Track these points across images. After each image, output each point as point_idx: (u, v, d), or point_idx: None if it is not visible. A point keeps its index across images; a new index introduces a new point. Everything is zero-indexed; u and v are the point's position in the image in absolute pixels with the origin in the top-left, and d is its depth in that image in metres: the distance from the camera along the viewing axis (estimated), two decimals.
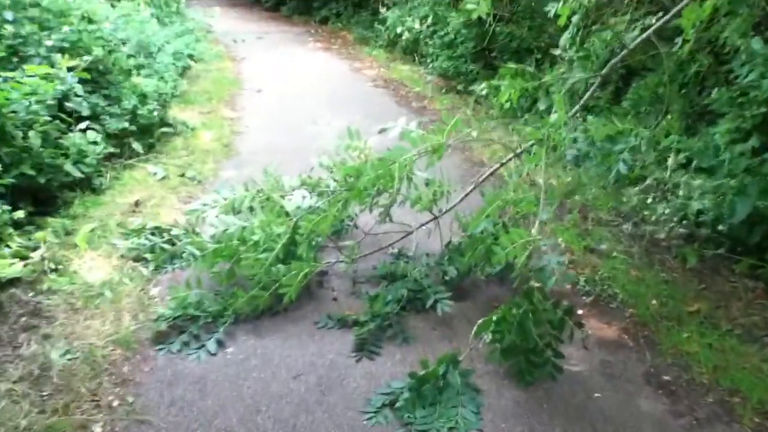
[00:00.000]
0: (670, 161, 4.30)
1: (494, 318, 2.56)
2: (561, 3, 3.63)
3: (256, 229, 3.14)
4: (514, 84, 3.47)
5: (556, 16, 3.87)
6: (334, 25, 13.58)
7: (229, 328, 3.04)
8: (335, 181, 3.57)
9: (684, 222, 3.96)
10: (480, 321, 2.61)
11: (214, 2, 18.07)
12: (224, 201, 3.42)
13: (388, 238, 3.69)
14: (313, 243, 3.30)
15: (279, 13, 16.10)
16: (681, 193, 4.11)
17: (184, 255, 3.52)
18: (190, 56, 8.34)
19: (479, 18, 7.57)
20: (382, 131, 3.14)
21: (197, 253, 3.25)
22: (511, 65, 3.62)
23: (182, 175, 4.88)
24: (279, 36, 12.56)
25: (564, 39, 4.42)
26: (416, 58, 9.47)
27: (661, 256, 3.77)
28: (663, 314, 3.18)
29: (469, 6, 3.22)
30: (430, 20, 8.98)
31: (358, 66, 9.81)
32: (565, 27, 4.07)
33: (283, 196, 3.52)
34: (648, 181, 4.40)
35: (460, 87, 7.83)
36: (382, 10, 11.04)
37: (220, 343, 2.94)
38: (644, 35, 3.46)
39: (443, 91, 7.99)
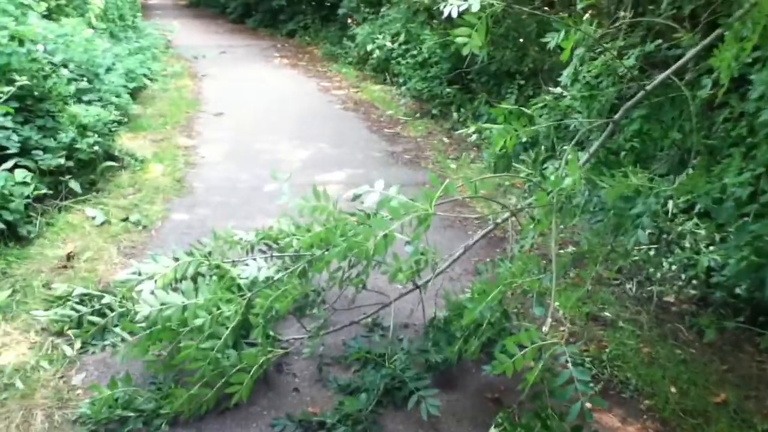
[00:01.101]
0: (670, 205, 3.85)
1: None
2: (563, 33, 3.13)
3: (199, 310, 2.57)
4: (509, 130, 2.95)
5: (558, 47, 3.38)
6: (301, 39, 13.06)
7: None
8: (298, 239, 3.01)
9: (694, 282, 3.50)
10: None
11: (177, 14, 17.48)
12: (163, 269, 2.83)
13: (360, 307, 3.15)
14: (270, 324, 2.74)
15: (244, 25, 15.54)
16: (687, 244, 3.65)
17: (116, 332, 2.93)
18: (145, 75, 7.71)
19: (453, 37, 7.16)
20: (355, 198, 2.60)
21: (127, 337, 2.66)
22: (505, 105, 3.10)
23: (125, 220, 4.28)
24: (243, 50, 11.98)
25: (566, 76, 3.94)
26: (388, 77, 8.98)
27: (672, 325, 3.30)
28: (686, 408, 2.69)
29: (459, 39, 2.68)
30: (402, 38, 8.50)
31: (327, 85, 9.28)
32: (567, 62, 3.57)
33: (234, 264, 2.96)
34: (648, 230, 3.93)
35: (435, 111, 7.35)
36: (352, 25, 10.53)
37: None
38: (663, 75, 2.99)
39: (417, 115, 7.49)
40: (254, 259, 2.92)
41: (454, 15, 2.66)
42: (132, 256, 3.83)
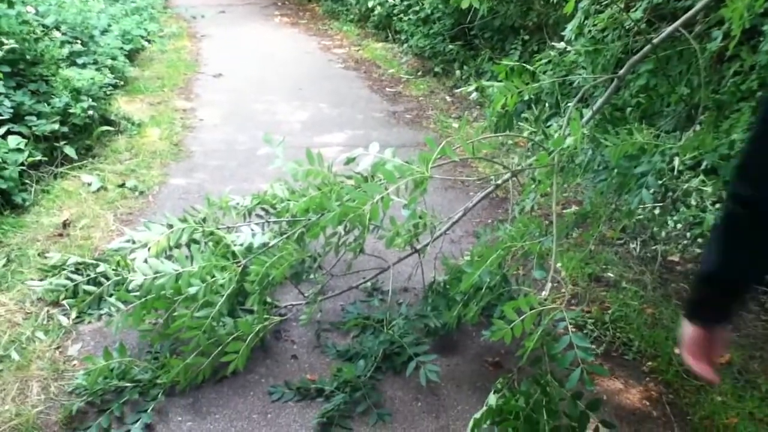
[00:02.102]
0: (676, 162, 3.75)
1: (494, 406, 2.00)
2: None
3: (193, 278, 2.51)
4: (510, 87, 2.84)
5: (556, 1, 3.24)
6: None
7: (162, 404, 2.45)
8: (294, 204, 2.91)
9: (699, 240, 3.42)
10: (477, 414, 2.04)
11: None
12: (157, 237, 2.77)
13: (359, 272, 3.10)
14: (266, 291, 2.69)
15: None
16: (692, 202, 3.57)
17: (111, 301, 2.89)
18: (142, 37, 7.56)
19: None
20: (349, 161, 2.52)
21: (121, 307, 2.62)
22: (507, 62, 2.99)
23: (122, 186, 4.22)
24: (243, 9, 11.74)
25: (570, 30, 3.80)
26: (389, 34, 8.78)
27: (677, 285, 3.24)
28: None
29: None
30: None
31: (328, 44, 9.10)
32: (571, 16, 3.43)
33: (230, 230, 2.90)
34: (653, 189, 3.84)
35: (437, 69, 7.19)
36: None
37: (149, 428, 2.35)
38: (671, 28, 2.86)
39: (419, 73, 7.34)
40: (249, 226, 2.85)
41: None
42: (129, 223, 3.79)
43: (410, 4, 8.04)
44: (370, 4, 8.93)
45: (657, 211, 3.71)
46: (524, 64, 2.97)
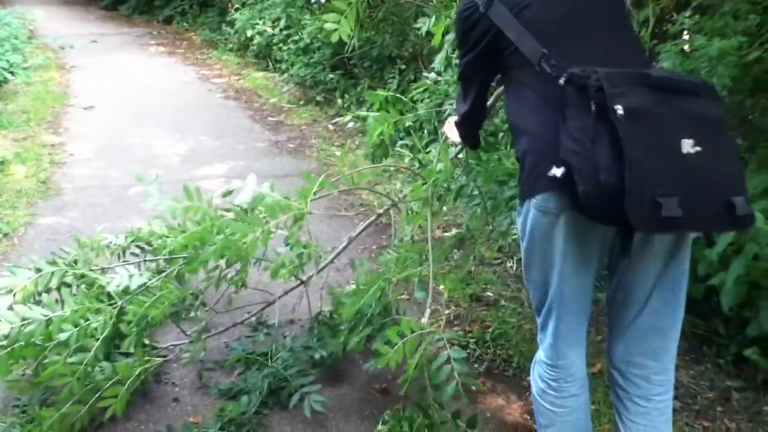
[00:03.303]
0: None
1: None
2: (432, 20, 3.11)
3: (65, 323, 2.37)
4: (386, 117, 2.92)
5: (427, 33, 3.37)
6: (179, 26, 12.53)
7: None
8: (172, 241, 2.81)
9: None
10: None
11: (44, 0, 16.35)
12: (23, 282, 2.59)
13: (243, 307, 3.04)
14: (145, 332, 2.59)
15: (118, 12, 14.71)
16: None
17: None
18: (4, 69, 7.13)
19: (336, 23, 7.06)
20: (226, 194, 2.48)
21: None
22: (381, 92, 3.06)
23: None
24: (116, 39, 11.36)
25: (438, 62, 3.94)
26: (270, 64, 8.77)
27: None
28: None
29: (328, 25, 2.60)
30: (283, 23, 8.30)
31: (207, 73, 8.96)
32: (440, 47, 3.56)
33: (104, 271, 2.76)
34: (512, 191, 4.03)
35: (319, 98, 7.23)
36: (231, 10, 10.19)
37: None
38: None
39: (301, 102, 7.36)
40: (125, 266, 2.73)
41: (323, 0, 2.61)
42: None
43: (289, 34, 8.06)
44: (249, 33, 8.86)
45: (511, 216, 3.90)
46: (398, 95, 3.06)
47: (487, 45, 1.73)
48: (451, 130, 2.33)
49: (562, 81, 1.52)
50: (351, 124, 6.04)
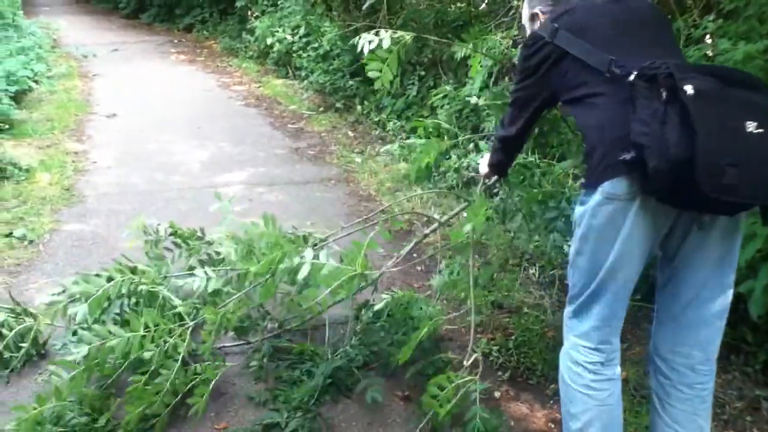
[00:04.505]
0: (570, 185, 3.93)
1: None
2: (470, 48, 3.13)
3: (146, 342, 2.39)
4: (432, 146, 2.97)
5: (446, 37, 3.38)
6: (199, 34, 12.64)
7: None
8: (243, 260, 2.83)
9: None
10: None
11: (65, 10, 16.61)
12: (94, 290, 2.59)
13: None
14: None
15: (138, 20, 14.89)
16: None
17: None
18: (29, 77, 7.25)
19: (356, 30, 7.08)
20: (292, 272, 2.56)
21: (63, 374, 2.39)
22: (424, 120, 3.17)
23: (8, 235, 3.98)
24: (137, 47, 11.49)
25: (475, 88, 3.98)
26: (290, 71, 8.81)
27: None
28: None
29: (372, 74, 2.69)
30: (302, 31, 8.35)
31: (227, 81, 9.02)
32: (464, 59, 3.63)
33: (164, 280, 2.82)
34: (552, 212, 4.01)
35: (339, 104, 7.26)
36: (251, 18, 10.27)
37: None
38: None
39: (321, 109, 7.39)
40: (203, 270, 2.78)
41: (365, 51, 2.65)
42: (17, 274, 3.58)
43: (309, 41, 8.11)
44: (269, 41, 8.92)
45: (553, 237, 3.87)
46: (441, 122, 3.14)
47: (548, 70, 1.91)
48: (482, 164, 2.60)
49: (632, 77, 1.65)
50: (377, 131, 6.05)
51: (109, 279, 2.64)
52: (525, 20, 2.25)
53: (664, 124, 1.54)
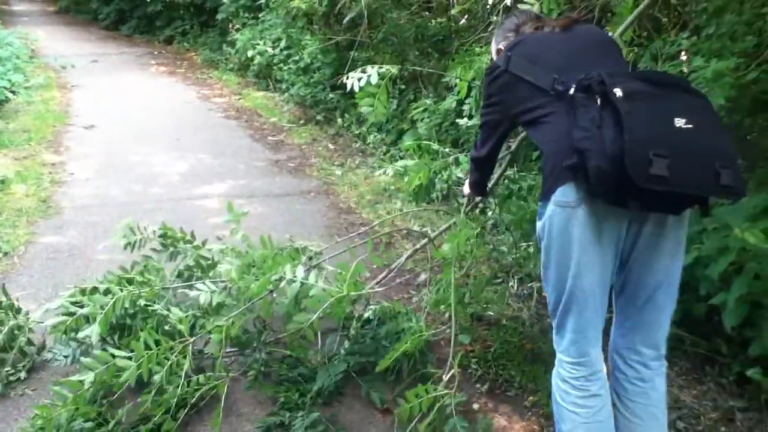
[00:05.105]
0: None
1: None
2: (459, 70, 3.18)
3: (152, 363, 2.38)
4: (422, 166, 3.06)
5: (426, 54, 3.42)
6: (179, 46, 12.63)
7: None
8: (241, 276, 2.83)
9: None
10: None
11: (44, 21, 16.51)
12: (99, 308, 2.55)
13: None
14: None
15: (119, 32, 14.83)
16: None
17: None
18: (6, 88, 7.18)
19: (337, 44, 7.12)
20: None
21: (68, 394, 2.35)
22: (413, 141, 3.25)
23: None
24: (117, 59, 11.44)
25: (468, 107, 4.03)
26: (270, 83, 8.82)
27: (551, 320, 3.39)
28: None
29: (364, 109, 2.76)
30: (283, 43, 8.37)
31: (207, 93, 9.01)
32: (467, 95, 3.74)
33: (161, 291, 2.81)
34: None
35: (319, 117, 7.27)
36: (232, 30, 10.27)
37: None
38: None
39: (301, 121, 7.40)
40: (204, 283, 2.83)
41: (356, 89, 2.71)
42: None
43: (290, 54, 8.12)
44: (249, 54, 8.92)
45: (531, 250, 3.90)
46: (430, 143, 3.21)
47: (507, 96, 2.03)
48: (465, 186, 2.73)
49: (572, 90, 1.79)
50: (357, 144, 6.06)
51: (107, 291, 2.64)
52: (494, 55, 2.38)
53: (600, 128, 1.65)
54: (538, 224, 1.89)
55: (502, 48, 2.22)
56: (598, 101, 1.69)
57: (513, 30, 2.24)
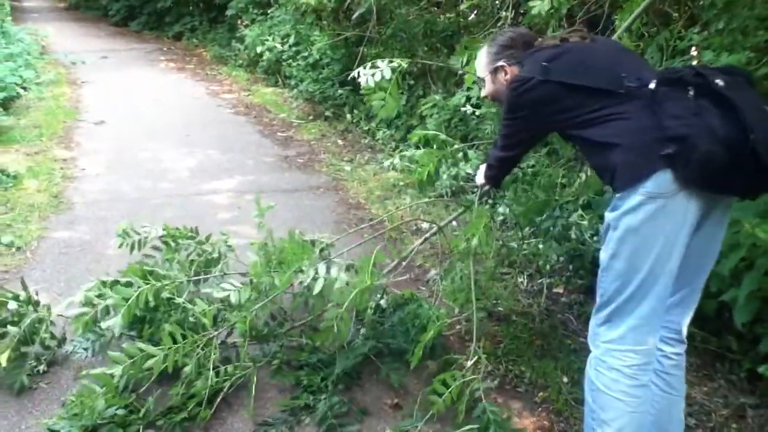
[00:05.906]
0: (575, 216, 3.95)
1: None
2: (465, 57, 3.17)
3: (179, 355, 2.43)
4: (430, 157, 3.03)
5: (435, 49, 3.41)
6: (188, 42, 12.66)
7: None
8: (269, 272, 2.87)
9: (581, 272, 3.61)
10: None
11: (54, 17, 16.59)
12: (122, 300, 2.57)
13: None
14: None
15: (128, 28, 14.89)
16: (573, 235, 3.76)
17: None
18: (17, 84, 7.21)
19: (346, 40, 7.12)
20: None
21: (98, 389, 2.41)
22: (421, 131, 3.22)
23: None
24: (127, 55, 11.48)
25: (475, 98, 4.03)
26: (279, 79, 8.83)
27: (562, 316, 3.40)
28: (578, 397, 2.75)
29: (376, 104, 2.75)
30: (292, 39, 8.38)
31: (216, 89, 9.03)
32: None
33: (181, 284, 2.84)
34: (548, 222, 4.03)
35: (328, 113, 7.28)
36: (241, 27, 10.29)
37: None
38: None
39: (310, 117, 7.41)
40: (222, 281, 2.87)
41: (371, 84, 2.70)
42: (5, 282, 3.55)
43: (299, 50, 8.14)
44: (258, 50, 8.94)
45: (541, 246, 3.90)
46: (438, 133, 3.17)
47: (548, 107, 2.03)
48: (479, 176, 2.68)
49: (652, 85, 1.83)
50: (367, 140, 6.06)
51: (128, 284, 2.66)
52: (483, 72, 2.36)
53: (699, 115, 1.69)
54: (611, 215, 1.89)
55: (504, 65, 2.25)
56: (691, 93, 1.74)
57: (508, 47, 2.27)
